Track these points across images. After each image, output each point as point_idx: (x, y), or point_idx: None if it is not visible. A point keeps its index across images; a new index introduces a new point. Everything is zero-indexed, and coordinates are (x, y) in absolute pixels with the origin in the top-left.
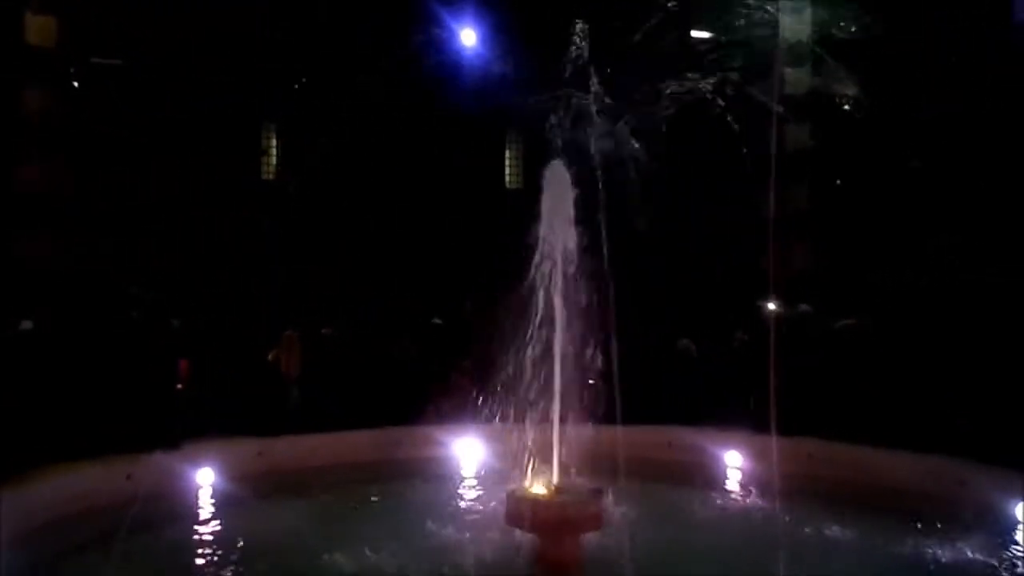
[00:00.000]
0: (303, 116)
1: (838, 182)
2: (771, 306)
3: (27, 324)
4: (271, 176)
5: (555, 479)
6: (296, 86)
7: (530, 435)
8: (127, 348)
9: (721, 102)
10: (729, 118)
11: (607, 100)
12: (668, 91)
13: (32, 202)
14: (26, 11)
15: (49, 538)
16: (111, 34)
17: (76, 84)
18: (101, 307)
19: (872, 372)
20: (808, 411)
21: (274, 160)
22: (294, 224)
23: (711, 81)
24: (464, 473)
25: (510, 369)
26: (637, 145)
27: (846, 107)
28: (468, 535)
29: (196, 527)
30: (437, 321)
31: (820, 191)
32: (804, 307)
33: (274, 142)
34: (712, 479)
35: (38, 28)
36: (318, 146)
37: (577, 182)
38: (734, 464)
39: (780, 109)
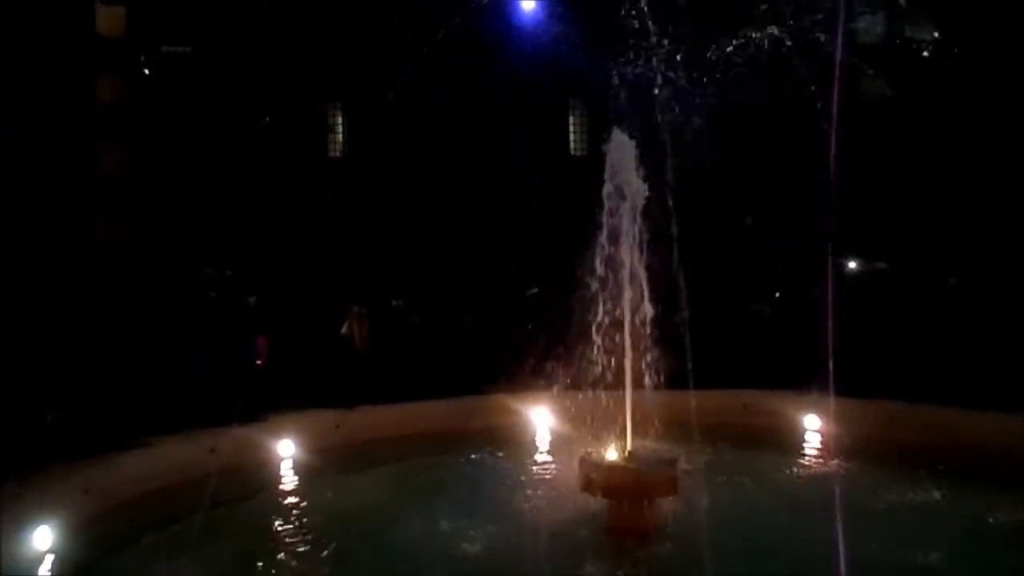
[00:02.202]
0: (367, 92)
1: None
2: (851, 264)
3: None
4: (338, 154)
5: (628, 445)
6: (360, 62)
7: (603, 402)
8: (208, 326)
9: (792, 51)
10: (799, 69)
11: (672, 57)
12: (736, 44)
13: (109, 189)
14: (96, 2)
15: (139, 511)
16: (179, 22)
17: (147, 72)
18: (180, 288)
19: (955, 330)
20: (889, 372)
21: (340, 138)
22: (362, 200)
23: (779, 31)
24: (538, 441)
25: (581, 336)
26: (702, 104)
27: (924, 54)
28: (542, 502)
29: (279, 498)
30: (534, 291)
31: (895, 142)
32: (881, 264)
33: (340, 120)
34: (789, 443)
35: (108, 19)
36: (383, 121)
37: (643, 145)
38: (812, 427)
39: (852, 59)
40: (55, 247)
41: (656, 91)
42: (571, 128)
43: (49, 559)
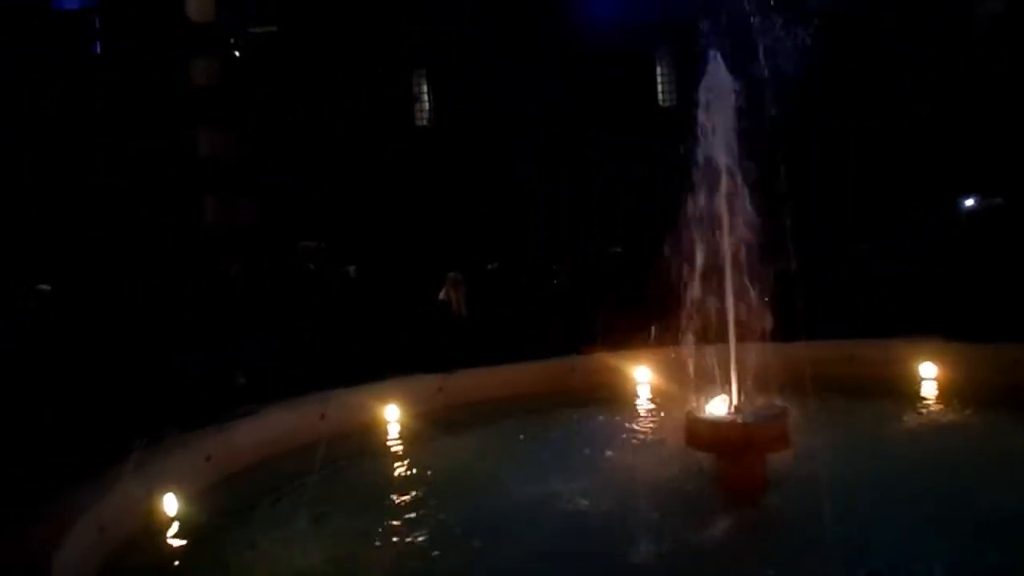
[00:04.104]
0: (452, 59)
1: None
2: (968, 202)
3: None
4: (424, 122)
5: (735, 400)
6: (443, 28)
7: (706, 357)
8: (311, 296)
9: None
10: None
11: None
12: None
13: (209, 168)
14: None
15: (255, 477)
16: (265, 2)
17: (237, 54)
18: (281, 260)
19: None
20: (1011, 314)
21: (427, 106)
22: (451, 166)
23: None
24: (640, 398)
25: (680, 292)
26: (798, 47)
27: None
28: (648, 459)
29: (386, 461)
30: (617, 249)
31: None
32: (997, 200)
33: (425, 88)
34: (903, 393)
35: (198, 5)
36: (468, 86)
37: (738, 90)
38: (928, 375)
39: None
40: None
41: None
42: (659, 79)
43: (175, 525)
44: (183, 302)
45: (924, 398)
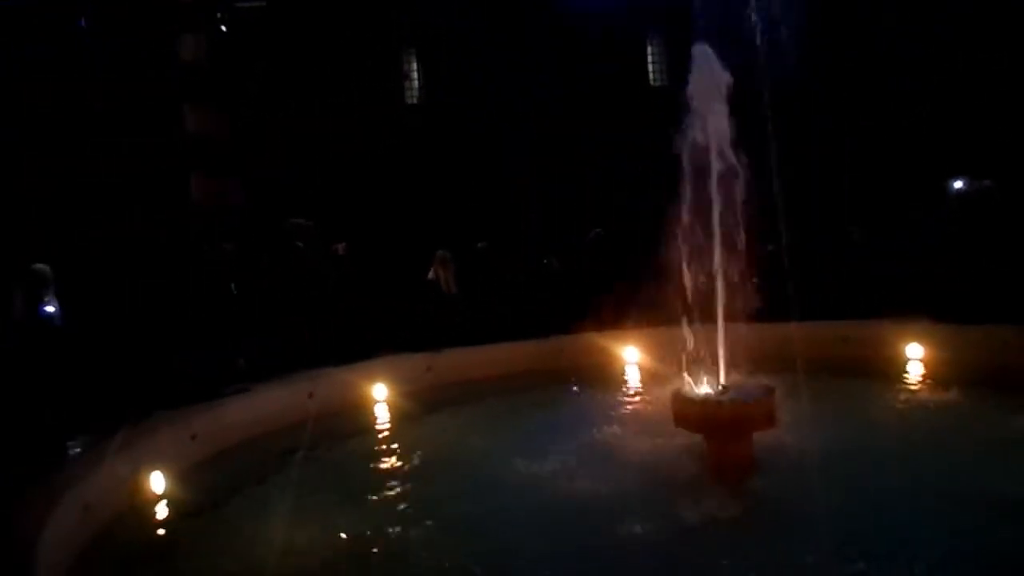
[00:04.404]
0: (442, 36)
1: None
2: (957, 184)
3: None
4: (415, 100)
5: (723, 378)
6: (432, 4)
7: (695, 337)
8: (300, 274)
9: None
10: None
11: None
12: None
13: (195, 146)
14: None
15: (242, 456)
16: None
17: (224, 29)
18: (270, 239)
19: None
20: (1000, 295)
21: (416, 84)
22: (441, 144)
23: None
24: (629, 378)
25: (669, 272)
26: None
27: None
28: (635, 438)
29: (375, 439)
30: (598, 230)
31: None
32: (987, 183)
33: (415, 66)
34: (891, 373)
35: None
36: (457, 63)
37: (729, 69)
38: (916, 356)
39: None
40: (160, 204)
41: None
42: (649, 59)
43: (163, 503)
44: (179, 288)
45: (910, 379)
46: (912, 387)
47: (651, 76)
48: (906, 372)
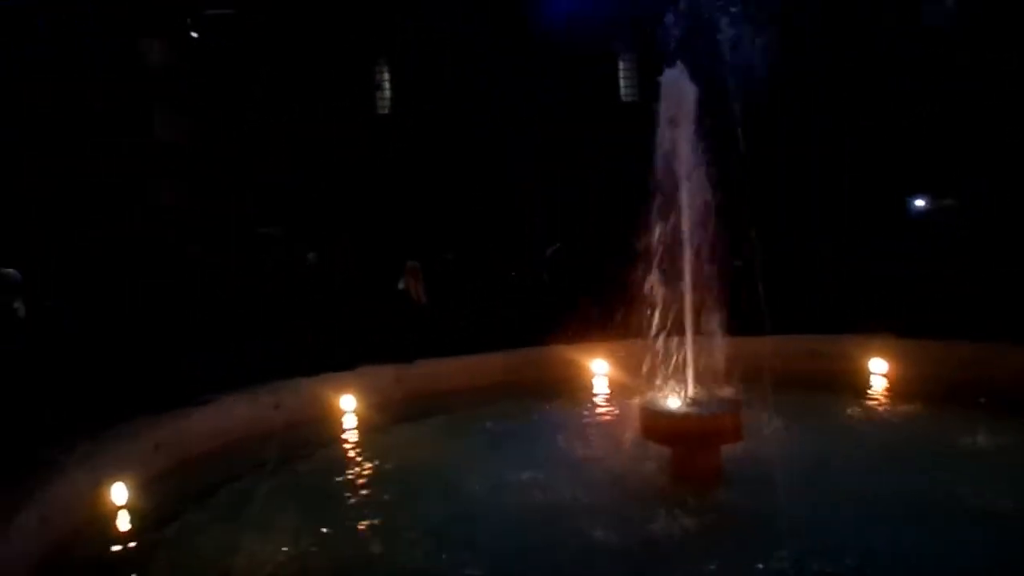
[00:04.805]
0: (412, 48)
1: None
2: (919, 202)
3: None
4: (386, 110)
5: (691, 391)
6: (403, 17)
7: (663, 350)
8: (273, 282)
9: None
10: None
11: None
12: None
13: (164, 152)
14: None
15: (205, 467)
16: None
17: (194, 35)
18: (241, 246)
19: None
20: (961, 312)
21: (388, 95)
22: (411, 155)
23: None
24: (597, 390)
25: (641, 284)
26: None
27: None
28: (603, 450)
29: (341, 451)
30: (557, 245)
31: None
32: (948, 201)
33: (387, 76)
34: (856, 387)
35: None
36: (428, 76)
37: (698, 84)
38: (879, 371)
39: None
40: (131, 210)
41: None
42: (620, 74)
43: (124, 514)
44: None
45: (875, 393)
46: (875, 400)
47: (622, 91)
48: (870, 386)
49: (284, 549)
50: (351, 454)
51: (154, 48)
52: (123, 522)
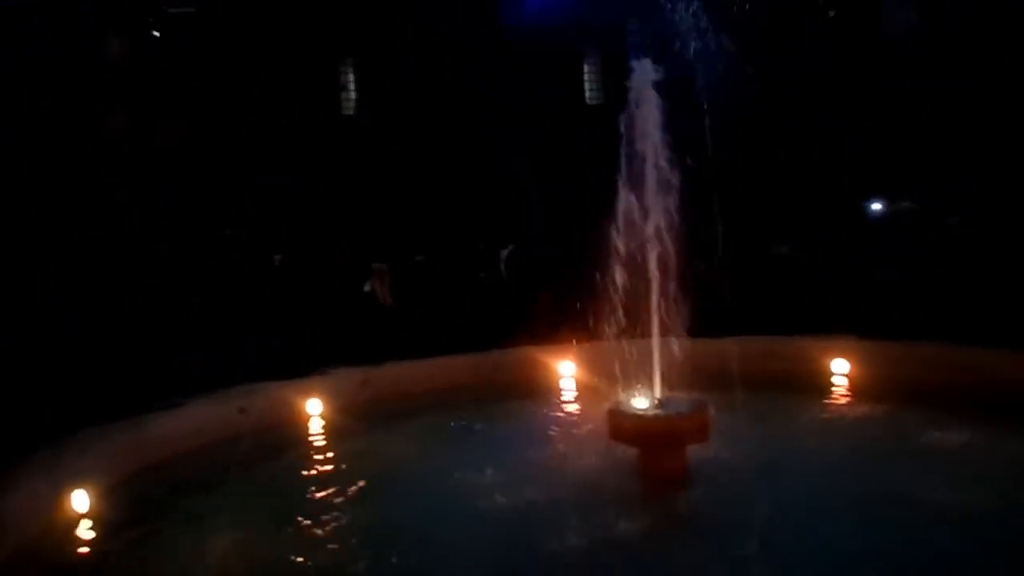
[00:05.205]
0: (378, 50)
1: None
2: (876, 206)
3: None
4: (351, 111)
5: (657, 393)
6: (369, 18)
7: (629, 352)
8: (238, 285)
9: None
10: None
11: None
12: None
13: (124, 152)
14: None
15: (171, 472)
16: None
17: (156, 34)
18: (205, 248)
19: (983, 271)
20: (920, 313)
21: (353, 95)
22: (378, 156)
23: None
24: (565, 392)
25: (605, 286)
26: (724, 47)
27: None
28: (571, 452)
29: (308, 455)
30: (511, 247)
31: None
32: (907, 204)
33: (351, 77)
34: (818, 388)
35: None
36: (394, 77)
37: (662, 90)
38: (841, 372)
39: None
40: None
41: (676, 34)
42: (585, 77)
43: (86, 522)
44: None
45: (836, 393)
46: (836, 401)
47: (587, 94)
48: (832, 386)
49: (248, 554)
50: (317, 458)
51: (114, 47)
52: (85, 529)
